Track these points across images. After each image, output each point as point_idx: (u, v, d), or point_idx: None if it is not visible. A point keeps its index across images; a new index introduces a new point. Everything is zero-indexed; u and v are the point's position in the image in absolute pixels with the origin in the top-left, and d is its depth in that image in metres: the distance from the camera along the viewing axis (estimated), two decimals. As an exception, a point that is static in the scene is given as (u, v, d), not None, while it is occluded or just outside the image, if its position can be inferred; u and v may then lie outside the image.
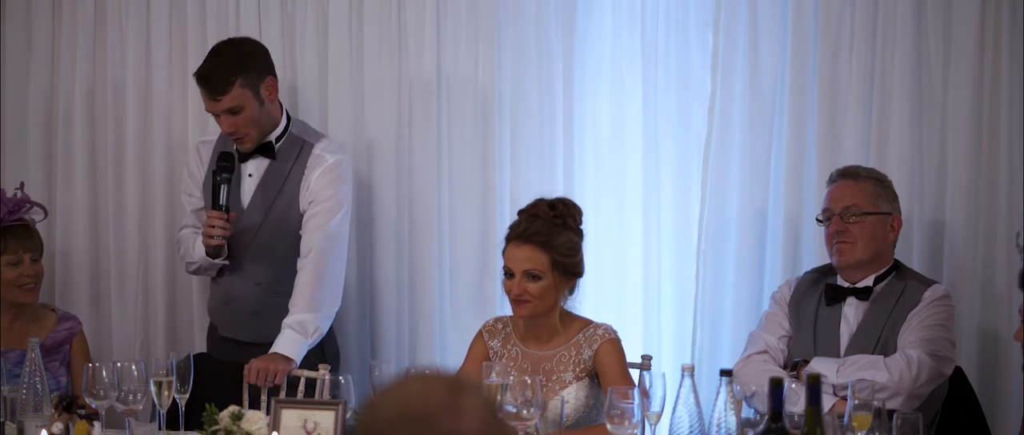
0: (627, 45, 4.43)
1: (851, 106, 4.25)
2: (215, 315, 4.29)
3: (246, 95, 4.03)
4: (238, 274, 4.16)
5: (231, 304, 4.19)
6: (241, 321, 4.17)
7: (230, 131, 4.07)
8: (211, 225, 4.03)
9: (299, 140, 4.16)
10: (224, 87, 4.00)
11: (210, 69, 4.02)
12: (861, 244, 3.77)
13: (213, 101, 4.02)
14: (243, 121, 4.05)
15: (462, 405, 1.84)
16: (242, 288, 4.16)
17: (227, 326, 4.23)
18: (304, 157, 4.13)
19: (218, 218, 4.03)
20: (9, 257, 4.09)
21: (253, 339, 4.10)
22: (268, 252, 4.13)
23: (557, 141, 4.44)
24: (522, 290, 3.55)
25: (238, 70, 4.02)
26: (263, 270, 4.14)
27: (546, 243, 3.55)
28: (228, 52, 4.07)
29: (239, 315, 4.17)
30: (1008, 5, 4.12)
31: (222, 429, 3.31)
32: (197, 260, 4.16)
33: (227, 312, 4.21)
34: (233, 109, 4.02)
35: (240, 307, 4.17)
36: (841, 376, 3.57)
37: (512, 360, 3.63)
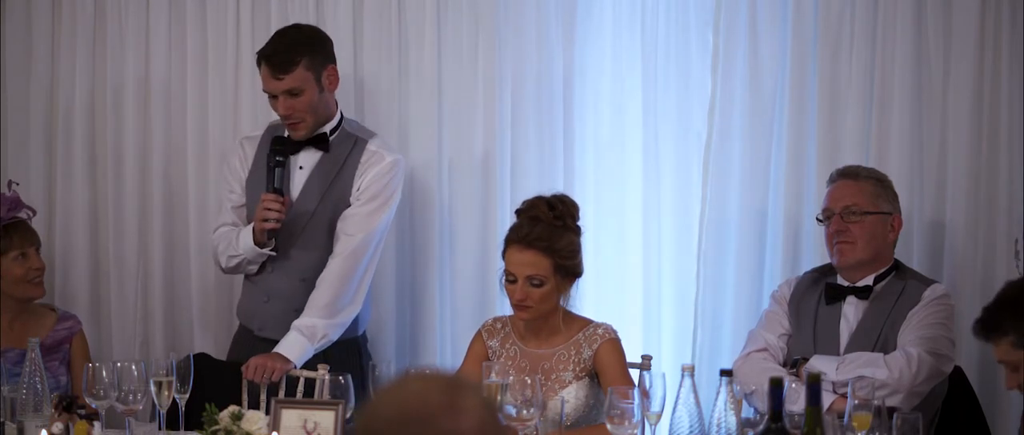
0: (627, 45, 4.42)
1: (851, 106, 4.25)
2: (251, 316, 4.15)
3: (308, 78, 3.98)
4: (282, 270, 4.07)
5: (273, 302, 4.08)
6: (285, 319, 4.02)
7: (286, 113, 3.99)
8: (268, 208, 3.94)
9: (352, 136, 4.10)
10: (288, 66, 3.94)
11: (276, 47, 3.97)
12: (861, 244, 3.78)
13: (275, 80, 3.95)
14: (301, 105, 3.98)
15: (461, 405, 1.84)
16: (287, 285, 4.06)
17: (267, 325, 4.09)
18: (358, 153, 4.07)
19: (275, 201, 3.95)
20: (14, 253, 4.08)
21: None
22: (318, 244, 4.04)
23: (557, 141, 4.44)
24: (525, 296, 3.54)
25: (305, 50, 3.98)
26: (310, 264, 4.03)
27: (549, 248, 3.54)
28: (295, 33, 4.04)
29: (281, 313, 4.04)
30: (1008, 5, 4.12)
31: (222, 429, 3.31)
32: (242, 252, 4.03)
33: (267, 311, 4.09)
34: (293, 91, 3.96)
35: (283, 306, 4.06)
36: (841, 373, 3.58)
37: (511, 359, 3.63)
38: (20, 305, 4.14)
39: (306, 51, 3.98)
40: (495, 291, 4.34)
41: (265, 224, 3.95)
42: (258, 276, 4.12)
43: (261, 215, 3.96)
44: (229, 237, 4.08)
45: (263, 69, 3.98)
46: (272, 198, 3.96)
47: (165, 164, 4.61)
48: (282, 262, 4.07)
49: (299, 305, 4.02)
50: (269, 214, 3.95)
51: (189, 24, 4.56)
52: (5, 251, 4.07)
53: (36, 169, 4.66)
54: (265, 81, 3.99)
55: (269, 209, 3.95)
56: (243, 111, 4.52)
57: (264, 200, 3.96)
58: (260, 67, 4.01)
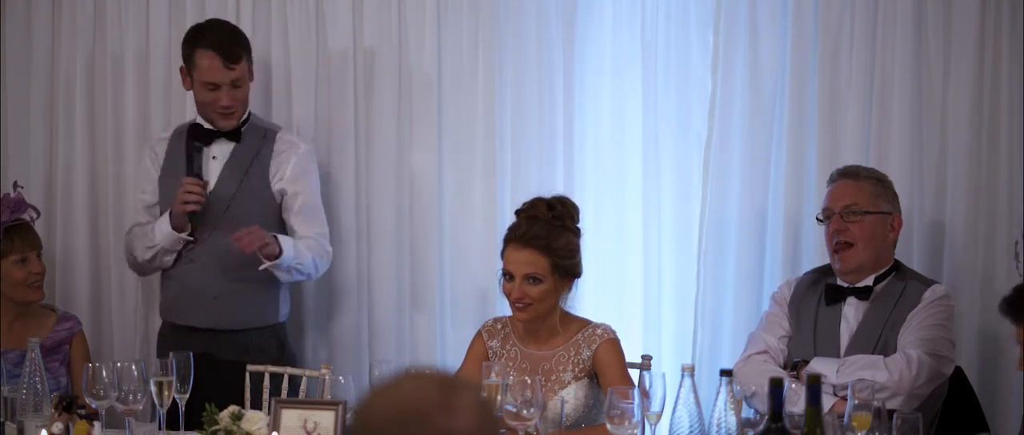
0: (627, 45, 4.43)
1: (851, 106, 4.25)
2: (170, 307, 4.24)
3: (246, 71, 4.14)
4: (201, 260, 4.14)
5: (188, 290, 4.17)
6: (202, 306, 4.15)
7: (228, 104, 4.10)
8: (189, 190, 4.03)
9: (260, 127, 4.24)
10: (237, 57, 4.09)
11: (219, 38, 4.09)
12: (861, 245, 3.77)
13: (226, 70, 4.07)
14: (241, 96, 4.15)
15: (457, 404, 1.84)
16: (206, 273, 4.14)
17: (186, 313, 4.19)
18: (270, 142, 4.21)
19: (195, 184, 4.05)
20: (15, 256, 4.09)
21: (214, 325, 4.15)
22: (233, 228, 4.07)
23: (557, 141, 4.44)
24: (522, 294, 3.55)
25: (244, 44, 4.15)
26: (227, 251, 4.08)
27: (546, 246, 3.55)
28: (229, 27, 4.19)
29: (199, 300, 4.15)
30: (1008, 5, 4.12)
31: (222, 429, 3.31)
32: (158, 242, 4.12)
33: (185, 300, 4.18)
34: (237, 82, 4.10)
35: (200, 295, 4.15)
36: (841, 376, 3.57)
37: (511, 360, 3.63)
38: (20, 306, 4.14)
39: (245, 45, 4.15)
40: (495, 291, 4.34)
41: (186, 206, 4.05)
42: (176, 269, 4.19)
43: (182, 198, 4.04)
44: (143, 231, 4.19)
45: (210, 59, 4.07)
46: (192, 181, 4.06)
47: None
48: (201, 251, 4.15)
49: (218, 292, 4.14)
50: (190, 197, 4.04)
51: (189, 21, 4.54)
52: (6, 254, 4.07)
53: (36, 169, 4.66)
54: (212, 71, 4.08)
55: (190, 192, 4.04)
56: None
57: (185, 183, 4.06)
58: (197, 58, 4.09)
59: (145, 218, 4.23)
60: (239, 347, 4.14)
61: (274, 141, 4.21)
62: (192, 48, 4.12)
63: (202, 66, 4.09)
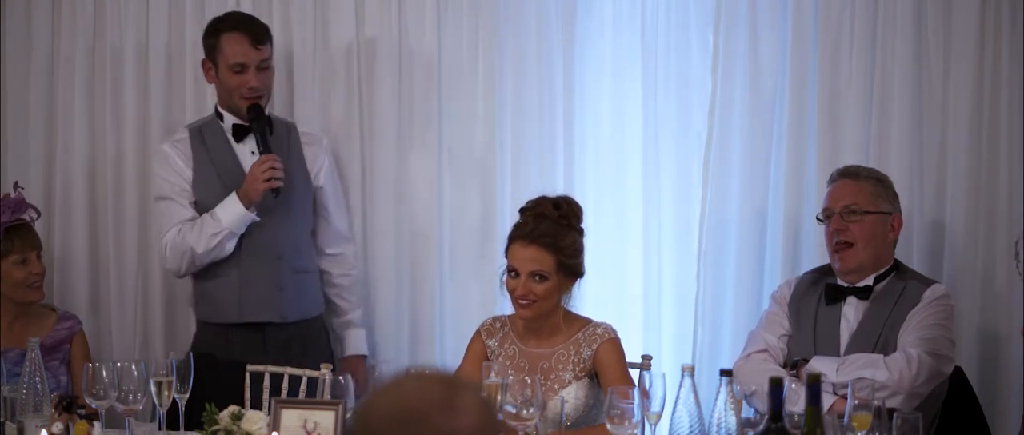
0: (627, 45, 4.43)
1: (851, 106, 4.25)
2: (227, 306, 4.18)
3: (271, 56, 4.16)
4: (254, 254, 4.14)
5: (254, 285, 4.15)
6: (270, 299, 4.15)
7: (255, 85, 4.10)
8: (273, 166, 4.03)
9: (281, 120, 4.28)
10: (265, 37, 4.12)
11: (245, 18, 4.15)
12: (861, 245, 3.77)
13: (255, 49, 4.09)
14: (267, 80, 4.16)
15: (458, 404, 1.84)
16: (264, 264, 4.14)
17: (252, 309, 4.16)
18: (295, 134, 4.26)
19: (276, 160, 4.06)
20: (15, 257, 4.09)
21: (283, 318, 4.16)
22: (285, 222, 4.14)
23: (557, 141, 4.44)
24: (527, 291, 3.55)
25: (269, 31, 4.18)
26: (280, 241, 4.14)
27: (553, 245, 3.55)
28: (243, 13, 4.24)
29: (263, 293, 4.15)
30: (1008, 5, 4.12)
31: (222, 429, 3.31)
32: (225, 226, 4.07)
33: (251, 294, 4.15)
34: (263, 63, 4.12)
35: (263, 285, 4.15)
36: (841, 375, 3.57)
37: (510, 359, 3.63)
38: (20, 306, 4.14)
39: (269, 32, 4.17)
40: (495, 291, 4.34)
41: (272, 183, 4.04)
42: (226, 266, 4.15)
43: (266, 175, 4.03)
44: (199, 223, 4.12)
45: (239, 40, 4.09)
46: (274, 157, 4.07)
47: (165, 164, 4.60)
48: (256, 244, 4.14)
49: (280, 283, 4.15)
50: (275, 173, 4.04)
51: (188, 24, 4.55)
52: (6, 254, 4.07)
53: (36, 169, 4.66)
54: (241, 52, 4.09)
55: (274, 167, 4.04)
56: (243, 111, 4.51)
57: (266, 160, 4.05)
58: (223, 40, 4.10)
59: (189, 214, 4.16)
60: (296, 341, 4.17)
61: (297, 134, 4.26)
62: (217, 35, 4.13)
63: (228, 50, 4.10)
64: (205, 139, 4.21)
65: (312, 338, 4.24)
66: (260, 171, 4.04)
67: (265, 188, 4.04)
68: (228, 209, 4.08)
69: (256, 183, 4.04)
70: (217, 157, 4.18)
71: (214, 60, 4.15)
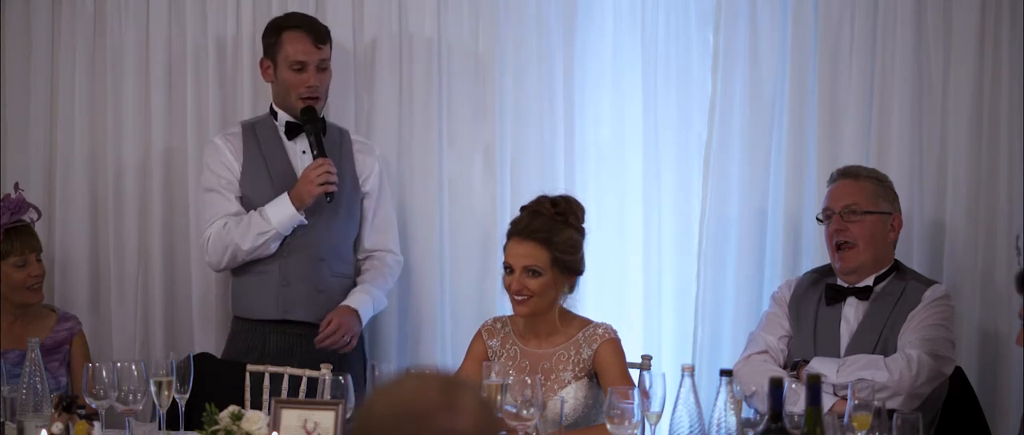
0: (627, 45, 4.43)
1: (851, 106, 4.25)
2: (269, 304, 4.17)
3: (330, 57, 4.18)
4: (300, 252, 4.14)
5: (294, 285, 4.15)
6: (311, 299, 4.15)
7: (313, 84, 4.12)
8: (328, 170, 4.04)
9: (335, 125, 4.28)
10: (326, 37, 4.16)
11: (307, 18, 4.17)
12: (862, 245, 3.77)
13: (316, 48, 4.12)
14: (326, 80, 4.18)
15: (458, 404, 1.85)
16: (307, 265, 4.15)
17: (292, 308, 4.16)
18: (347, 142, 4.26)
19: (331, 163, 4.06)
20: (15, 258, 4.09)
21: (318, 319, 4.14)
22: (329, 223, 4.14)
23: (558, 141, 4.44)
24: (521, 286, 3.56)
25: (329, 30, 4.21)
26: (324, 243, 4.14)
27: (546, 240, 3.56)
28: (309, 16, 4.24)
29: (305, 294, 4.15)
30: (1008, 5, 4.12)
31: (222, 429, 3.31)
32: (274, 226, 4.07)
33: (292, 293, 4.15)
34: (323, 63, 4.15)
35: (305, 287, 4.15)
36: (841, 376, 3.57)
37: (511, 359, 3.63)
38: (20, 308, 4.14)
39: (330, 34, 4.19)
40: (495, 291, 4.35)
41: (326, 187, 4.05)
42: (269, 264, 4.15)
43: (321, 179, 4.04)
44: (246, 220, 4.12)
45: (301, 38, 4.12)
46: (329, 162, 4.08)
47: (165, 163, 4.60)
48: (297, 244, 4.14)
49: (321, 285, 4.16)
50: (330, 177, 4.05)
51: (188, 24, 4.55)
52: (5, 256, 4.08)
53: (36, 169, 4.66)
54: (302, 50, 4.12)
55: (330, 171, 4.05)
56: (243, 110, 4.51)
57: (323, 163, 4.06)
58: (284, 39, 4.13)
59: (235, 208, 4.16)
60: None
61: (350, 140, 4.26)
62: (278, 33, 4.15)
63: (290, 48, 4.12)
64: (258, 135, 4.21)
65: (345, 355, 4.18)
66: (315, 174, 4.04)
67: (319, 192, 4.05)
68: (279, 209, 4.09)
69: (310, 186, 4.05)
70: (268, 153, 4.19)
71: (273, 58, 4.17)
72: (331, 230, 4.18)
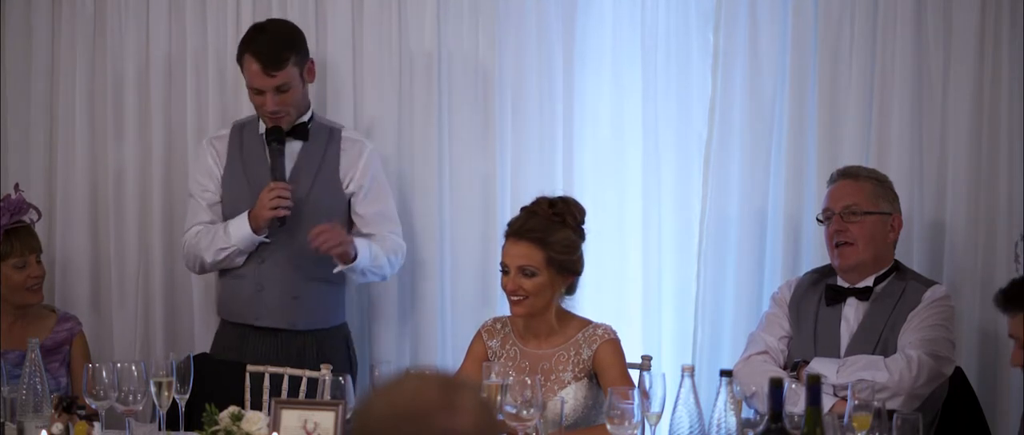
0: (627, 45, 4.43)
1: (851, 106, 4.25)
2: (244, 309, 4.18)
3: (295, 74, 4.09)
4: (274, 259, 4.13)
5: (268, 291, 4.14)
6: (284, 306, 4.14)
7: (274, 110, 4.07)
8: (280, 196, 4.01)
9: (325, 126, 4.23)
10: (279, 63, 4.04)
11: (264, 43, 4.06)
12: (862, 245, 3.78)
13: (267, 77, 4.03)
14: (289, 100, 4.09)
15: (458, 404, 1.85)
16: (281, 272, 4.13)
17: (263, 314, 4.16)
18: (335, 141, 4.20)
19: (285, 188, 4.03)
20: (15, 260, 4.09)
21: (293, 325, 4.14)
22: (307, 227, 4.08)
23: (557, 141, 4.44)
24: (516, 286, 3.56)
25: (291, 47, 4.09)
26: (301, 250, 4.09)
27: (541, 240, 3.56)
28: (276, 29, 4.13)
29: (279, 300, 4.14)
30: (1008, 5, 4.12)
31: (222, 429, 3.31)
32: (234, 243, 4.08)
33: (266, 298, 4.15)
34: (282, 87, 4.06)
35: (279, 293, 4.14)
36: (841, 376, 3.57)
37: (511, 359, 3.63)
38: (19, 308, 4.14)
39: (292, 48, 4.09)
40: (496, 291, 4.34)
41: (277, 212, 4.02)
42: (246, 268, 4.16)
43: (273, 203, 4.01)
44: (212, 232, 4.14)
45: (252, 65, 4.05)
46: (283, 186, 4.05)
47: (165, 163, 4.60)
48: (273, 250, 4.13)
49: (294, 291, 4.13)
50: (281, 202, 4.02)
51: (188, 23, 4.55)
52: (5, 257, 4.07)
53: (36, 169, 4.66)
54: (254, 77, 4.06)
55: (281, 197, 4.02)
56: (242, 110, 4.50)
57: (275, 188, 4.03)
58: (244, 62, 4.08)
59: (208, 217, 4.18)
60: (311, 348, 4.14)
61: (340, 140, 4.21)
62: (241, 52, 4.11)
63: (247, 73, 4.09)
64: (243, 138, 4.21)
65: (331, 347, 4.20)
66: (268, 199, 4.03)
67: (270, 216, 4.03)
68: (238, 227, 4.09)
69: (263, 209, 4.04)
70: (248, 157, 4.18)
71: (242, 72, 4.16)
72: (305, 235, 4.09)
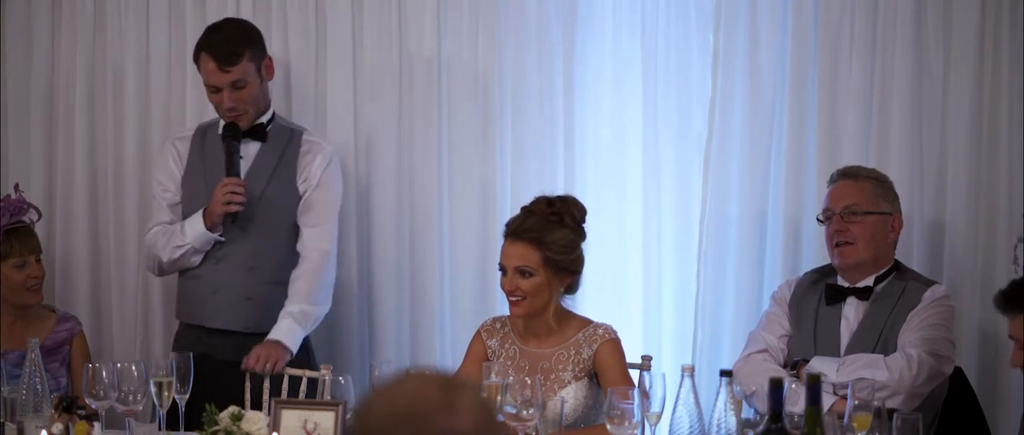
0: (627, 45, 4.42)
1: (851, 106, 4.25)
2: (198, 310, 4.17)
3: (251, 70, 4.07)
4: (228, 260, 4.11)
5: (221, 292, 4.13)
6: (236, 308, 4.12)
7: (231, 106, 4.06)
8: (233, 191, 4.01)
9: (286, 128, 4.21)
10: (234, 58, 4.03)
11: (218, 40, 4.05)
12: (862, 244, 3.78)
13: (222, 72, 4.03)
14: (246, 97, 4.08)
15: (458, 404, 1.84)
16: (233, 274, 4.11)
17: (217, 316, 4.14)
18: (296, 143, 4.17)
19: (238, 184, 4.03)
20: (15, 260, 4.09)
21: (244, 327, 4.11)
22: (261, 234, 4.09)
23: (558, 141, 4.44)
24: (514, 286, 3.56)
25: (246, 43, 4.08)
26: (257, 254, 4.09)
27: (538, 240, 3.56)
28: (231, 27, 4.13)
29: (231, 303, 4.12)
30: (1008, 5, 4.12)
31: (222, 429, 3.31)
32: (189, 241, 4.08)
33: (215, 302, 4.13)
34: (238, 83, 4.05)
35: (231, 295, 4.12)
36: (841, 375, 3.57)
37: (510, 359, 3.63)
38: (19, 309, 4.14)
39: (247, 44, 4.08)
40: (495, 291, 4.34)
41: (228, 207, 4.02)
42: (202, 269, 4.15)
43: (224, 199, 4.02)
44: (169, 231, 4.14)
45: (207, 62, 4.06)
46: (235, 182, 4.04)
47: (165, 164, 4.60)
48: (228, 251, 4.12)
49: (248, 293, 4.11)
50: (234, 197, 4.02)
51: (188, 23, 4.55)
52: (5, 257, 4.07)
53: (36, 169, 4.66)
54: (210, 74, 4.06)
55: (234, 192, 4.02)
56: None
57: (228, 183, 4.03)
58: (200, 61, 4.08)
59: (168, 217, 4.18)
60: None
61: (300, 142, 4.18)
62: (197, 51, 4.11)
63: (202, 70, 4.09)
64: (205, 139, 4.21)
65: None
66: (221, 193, 4.03)
67: (222, 211, 4.03)
68: (194, 225, 4.09)
69: (216, 205, 4.04)
70: (209, 159, 4.17)
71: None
72: (264, 238, 4.11)
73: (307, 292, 4.06)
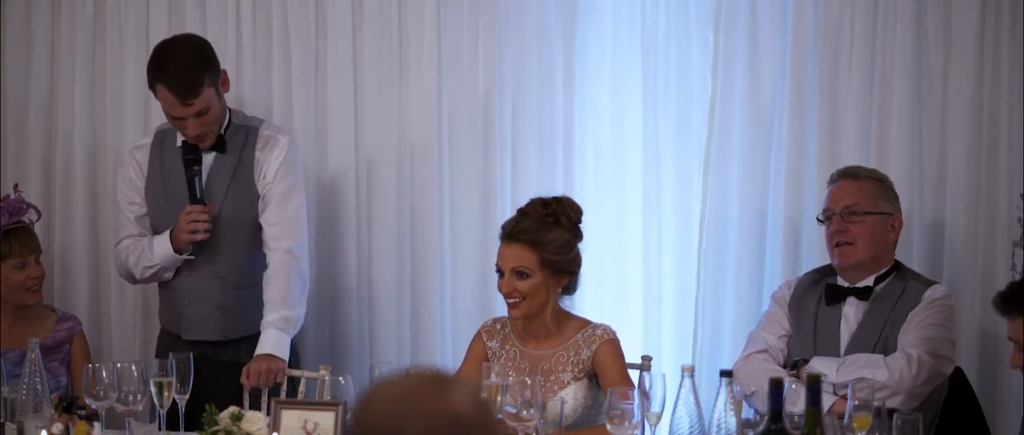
0: (627, 45, 4.42)
1: (851, 106, 4.25)
2: (175, 320, 4.16)
3: (211, 94, 3.96)
4: (198, 273, 4.08)
5: (194, 304, 4.10)
6: (209, 319, 4.09)
7: (197, 133, 3.96)
8: (196, 220, 3.95)
9: (243, 127, 4.11)
10: (195, 90, 3.90)
11: (174, 70, 3.90)
12: (862, 244, 3.78)
13: (184, 106, 3.90)
14: (209, 120, 3.98)
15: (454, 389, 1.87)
16: (204, 286, 4.08)
17: (192, 327, 4.11)
18: (252, 140, 4.08)
19: (202, 212, 3.96)
20: (14, 260, 4.09)
21: (224, 337, 4.09)
22: (228, 243, 4.06)
23: (557, 141, 4.44)
24: (511, 288, 3.56)
25: (203, 69, 3.94)
26: (225, 262, 4.07)
27: (534, 241, 3.56)
28: (185, 51, 3.97)
29: (203, 315, 4.09)
30: (1008, 5, 4.12)
31: (222, 429, 3.31)
32: (158, 262, 4.05)
33: (191, 313, 4.11)
34: (202, 111, 3.94)
35: (204, 306, 4.09)
36: (841, 375, 3.58)
37: (510, 360, 3.63)
38: (19, 309, 4.14)
39: (204, 69, 3.94)
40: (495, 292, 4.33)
41: (194, 236, 3.97)
42: (175, 281, 4.12)
43: (189, 228, 3.96)
44: (139, 248, 4.09)
45: (166, 95, 3.92)
46: (199, 209, 3.97)
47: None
48: (197, 265, 4.08)
49: (221, 302, 4.07)
50: (198, 226, 3.96)
51: (189, 21, 4.55)
52: (5, 257, 4.07)
53: (36, 169, 4.66)
54: (171, 107, 3.93)
55: (197, 221, 3.96)
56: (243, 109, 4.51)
57: (191, 212, 3.97)
58: (157, 92, 3.95)
59: (136, 230, 4.13)
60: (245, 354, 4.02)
61: (256, 137, 4.08)
62: (152, 79, 3.97)
63: (161, 101, 3.96)
64: (164, 146, 4.13)
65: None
66: (185, 223, 3.98)
67: (188, 239, 3.99)
68: (162, 245, 4.04)
69: (181, 233, 3.99)
70: (168, 172, 4.10)
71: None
72: (231, 247, 4.07)
73: (282, 298, 3.98)
